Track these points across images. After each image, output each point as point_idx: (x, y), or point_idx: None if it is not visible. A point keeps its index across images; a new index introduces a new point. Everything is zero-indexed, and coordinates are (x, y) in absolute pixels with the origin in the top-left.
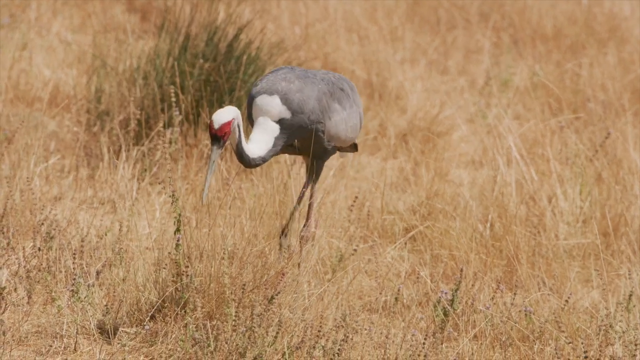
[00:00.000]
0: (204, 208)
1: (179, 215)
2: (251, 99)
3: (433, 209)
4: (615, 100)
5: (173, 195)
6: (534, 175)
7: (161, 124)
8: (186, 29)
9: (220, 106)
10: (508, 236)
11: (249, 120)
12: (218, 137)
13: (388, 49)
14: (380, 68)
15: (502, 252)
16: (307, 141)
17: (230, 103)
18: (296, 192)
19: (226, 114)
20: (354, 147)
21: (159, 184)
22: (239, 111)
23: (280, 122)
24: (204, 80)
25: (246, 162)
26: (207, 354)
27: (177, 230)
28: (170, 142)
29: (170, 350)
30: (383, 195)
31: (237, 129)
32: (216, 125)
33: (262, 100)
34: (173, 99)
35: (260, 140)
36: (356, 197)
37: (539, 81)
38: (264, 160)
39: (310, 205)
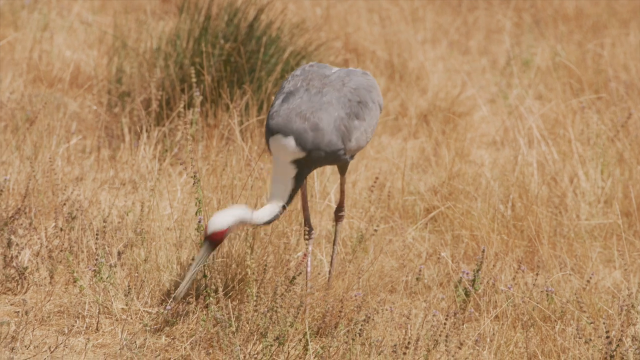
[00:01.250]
0: (226, 189)
1: (201, 196)
2: (269, 133)
3: (454, 190)
4: (637, 80)
5: (195, 176)
6: (556, 156)
7: (182, 105)
8: (207, 10)
9: (241, 87)
10: (529, 216)
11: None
12: (210, 241)
13: (409, 29)
14: (402, 48)
15: (523, 232)
16: (328, 163)
17: (251, 84)
18: (318, 173)
19: (222, 223)
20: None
21: (180, 164)
22: (243, 211)
23: (295, 162)
24: (224, 60)
25: (271, 222)
26: (228, 334)
27: (199, 211)
28: (190, 123)
29: (191, 330)
30: (404, 175)
31: (242, 224)
32: (209, 231)
33: (277, 142)
34: (193, 80)
35: (279, 194)
36: (377, 178)
37: (560, 61)
38: (285, 208)
39: (342, 192)
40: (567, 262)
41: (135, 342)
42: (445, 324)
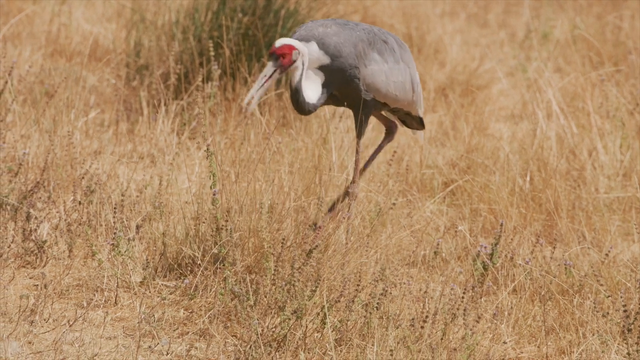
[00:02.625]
0: (244, 163)
1: (215, 169)
2: None
3: (472, 163)
4: None
5: (208, 149)
6: (574, 129)
7: (200, 79)
8: None
9: (259, 61)
10: (548, 190)
11: None
12: (276, 55)
13: (427, 2)
14: (420, 22)
15: (541, 206)
16: (346, 90)
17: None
18: (336, 147)
19: (292, 40)
20: (419, 123)
21: (194, 139)
22: (307, 50)
23: (321, 68)
24: (242, 34)
25: (300, 106)
26: (246, 308)
27: (213, 184)
28: (209, 97)
29: (209, 303)
30: (422, 149)
31: (300, 67)
32: (277, 44)
33: (301, 47)
34: (212, 53)
35: (311, 88)
36: (395, 152)
37: (579, 34)
38: (315, 108)
39: (355, 162)
40: (586, 235)
41: (153, 315)
42: (463, 297)
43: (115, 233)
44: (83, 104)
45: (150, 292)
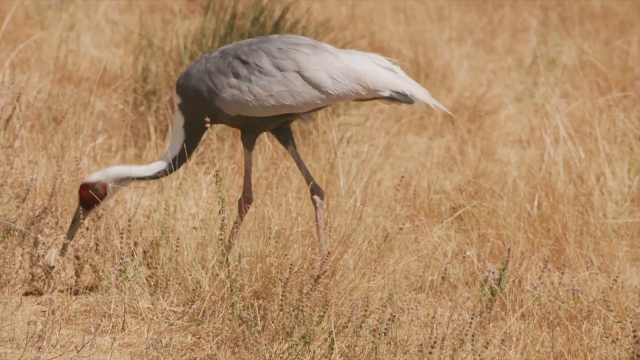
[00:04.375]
0: (252, 187)
1: (223, 195)
2: None
3: (480, 188)
4: None
5: (217, 175)
6: (582, 154)
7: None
8: (232, 8)
9: None
10: (556, 215)
11: None
12: (79, 197)
13: (435, 28)
14: (427, 47)
15: (549, 231)
16: (224, 119)
17: None
18: (343, 172)
19: (92, 177)
20: (399, 100)
21: (203, 164)
22: (113, 170)
23: (179, 107)
24: None
25: (163, 175)
26: (254, 333)
27: (222, 210)
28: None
29: (217, 329)
30: (429, 174)
31: (126, 182)
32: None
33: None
34: None
35: (173, 138)
36: (402, 177)
37: (587, 59)
38: (176, 160)
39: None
40: (594, 260)
41: (161, 341)
42: (471, 323)
43: (122, 258)
44: (91, 129)
45: (157, 317)
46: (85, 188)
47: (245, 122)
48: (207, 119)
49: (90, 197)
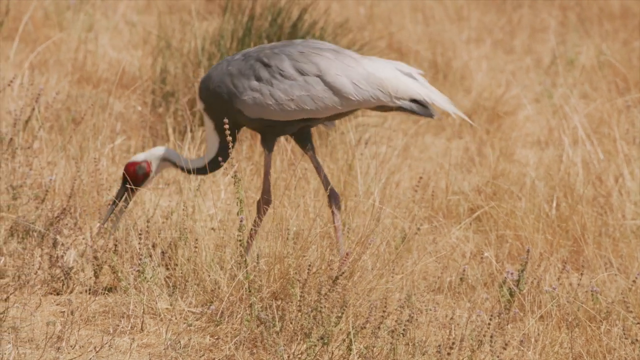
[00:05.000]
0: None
1: (242, 196)
2: None
3: (498, 189)
4: None
5: (235, 176)
6: (601, 155)
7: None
8: (250, 10)
9: None
10: (574, 216)
11: None
12: (125, 176)
13: (453, 28)
14: (445, 48)
15: (568, 232)
16: (244, 122)
17: None
18: (362, 173)
19: (138, 156)
20: (415, 112)
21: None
22: (160, 149)
23: (205, 112)
24: None
25: (203, 173)
26: (272, 334)
27: (240, 211)
28: None
29: (235, 330)
30: (448, 175)
31: (168, 164)
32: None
33: None
34: None
35: (209, 141)
36: (421, 178)
37: (605, 60)
38: (215, 164)
39: (318, 173)
40: (613, 262)
41: (179, 342)
42: (489, 324)
43: (141, 259)
44: (109, 130)
45: (176, 318)
46: (132, 166)
47: (265, 125)
48: (226, 120)
49: (136, 174)
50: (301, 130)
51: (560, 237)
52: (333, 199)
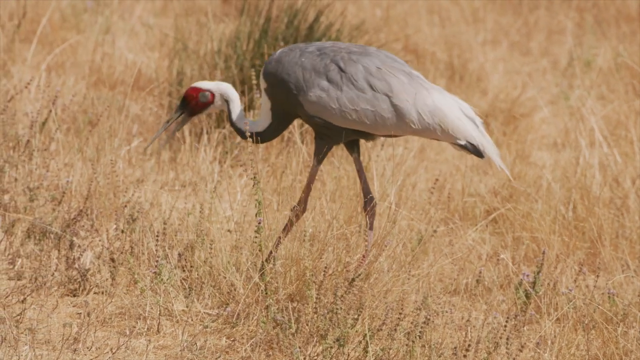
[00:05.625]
0: (286, 191)
1: (261, 198)
2: None
3: (515, 191)
4: None
5: (255, 177)
6: (618, 157)
7: (242, 107)
8: (267, 12)
9: None
10: (591, 218)
11: None
12: (184, 99)
13: (469, 30)
14: (462, 50)
15: (584, 234)
16: (300, 115)
17: None
18: (377, 175)
19: (200, 83)
20: (470, 151)
21: (241, 166)
22: (229, 88)
23: (265, 92)
24: None
25: (243, 135)
26: (288, 336)
27: (258, 213)
28: None
29: (251, 332)
30: (464, 177)
31: (222, 104)
32: (189, 89)
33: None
34: (254, 82)
35: (262, 113)
36: (437, 179)
37: (622, 62)
38: (262, 136)
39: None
40: (630, 263)
41: (195, 343)
42: (505, 326)
43: (157, 261)
44: (126, 132)
45: (192, 320)
46: (195, 91)
47: (319, 124)
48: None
49: (197, 100)
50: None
51: (577, 239)
52: (369, 205)
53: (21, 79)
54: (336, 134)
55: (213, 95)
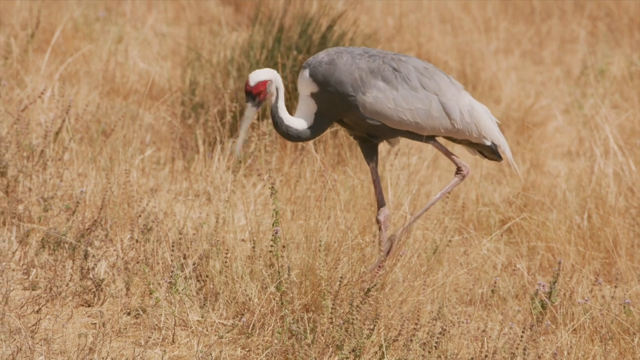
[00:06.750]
0: (300, 200)
1: (278, 207)
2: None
3: (529, 201)
4: None
5: (272, 188)
6: (633, 166)
7: (255, 116)
8: (280, 21)
9: None
10: (606, 228)
11: None
12: (253, 94)
13: (482, 39)
14: (474, 58)
15: (600, 244)
16: (350, 117)
17: None
18: (392, 184)
19: (263, 74)
20: (491, 152)
21: (258, 175)
22: (278, 75)
23: (312, 96)
24: (297, 71)
25: (280, 130)
26: (304, 346)
27: (275, 222)
28: (264, 134)
29: (267, 342)
30: (478, 186)
31: (275, 93)
32: (252, 83)
33: (299, 75)
34: None
35: (302, 116)
36: None
37: (636, 70)
38: (298, 135)
39: (375, 186)
40: None
41: (211, 354)
42: (522, 336)
43: (172, 271)
44: (139, 142)
45: (207, 330)
46: (263, 83)
47: (369, 126)
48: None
49: (265, 91)
50: (370, 143)
51: (592, 248)
52: (383, 215)
53: (35, 89)
54: (383, 134)
55: (272, 83)
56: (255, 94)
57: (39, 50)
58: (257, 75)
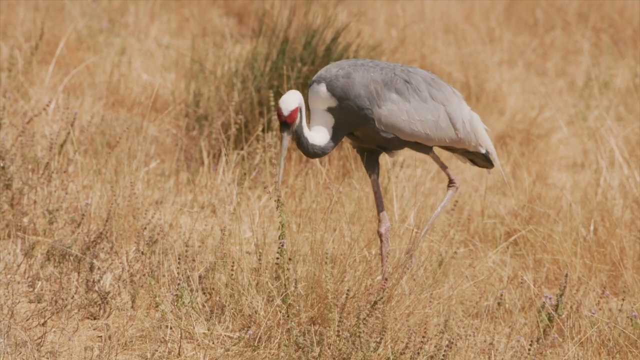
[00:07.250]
0: (305, 213)
1: (285, 220)
2: (309, 88)
3: (535, 213)
4: None
5: (278, 200)
6: (638, 178)
7: (260, 128)
8: (284, 33)
9: None
10: (613, 240)
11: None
12: (288, 124)
13: (485, 50)
14: (478, 70)
15: (606, 256)
16: (365, 130)
17: None
18: (397, 197)
19: (293, 102)
20: (484, 160)
21: (264, 188)
22: (301, 96)
23: (330, 110)
24: (302, 83)
25: (305, 149)
26: (310, 359)
27: (282, 235)
28: (269, 146)
29: (273, 355)
30: (484, 198)
31: (299, 114)
32: (285, 113)
33: (313, 89)
34: (272, 103)
35: (320, 130)
36: (456, 201)
37: None
38: (323, 151)
39: (376, 199)
40: None
41: None
42: (529, 349)
43: (178, 283)
44: (144, 154)
45: (213, 343)
46: (295, 112)
47: (382, 139)
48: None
49: (295, 118)
50: (373, 155)
51: (599, 261)
52: (384, 228)
53: (39, 101)
54: (395, 147)
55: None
56: (290, 123)
57: (43, 62)
58: (288, 104)
